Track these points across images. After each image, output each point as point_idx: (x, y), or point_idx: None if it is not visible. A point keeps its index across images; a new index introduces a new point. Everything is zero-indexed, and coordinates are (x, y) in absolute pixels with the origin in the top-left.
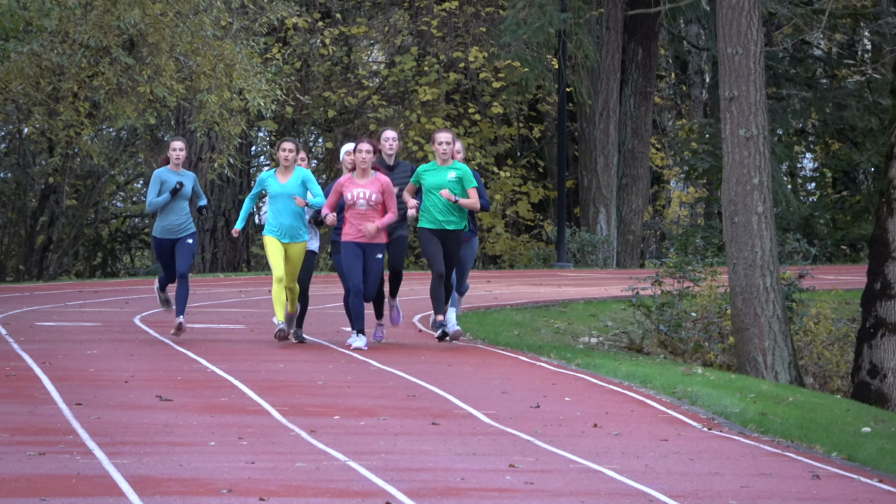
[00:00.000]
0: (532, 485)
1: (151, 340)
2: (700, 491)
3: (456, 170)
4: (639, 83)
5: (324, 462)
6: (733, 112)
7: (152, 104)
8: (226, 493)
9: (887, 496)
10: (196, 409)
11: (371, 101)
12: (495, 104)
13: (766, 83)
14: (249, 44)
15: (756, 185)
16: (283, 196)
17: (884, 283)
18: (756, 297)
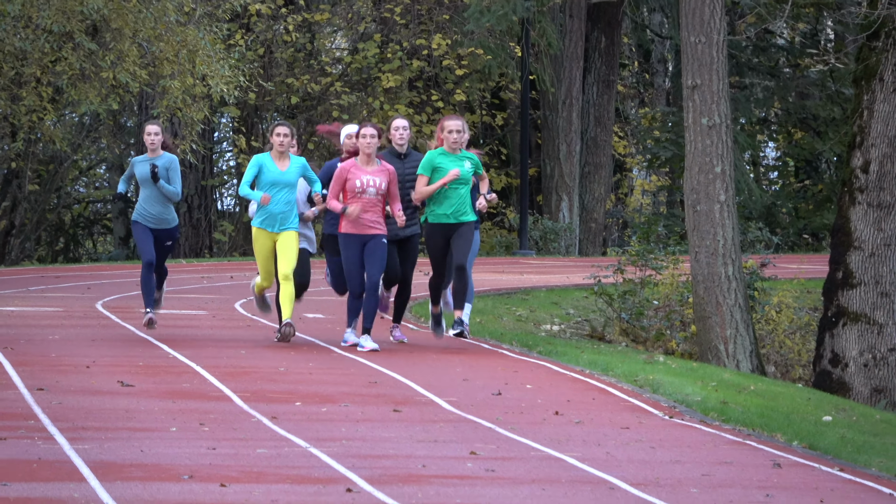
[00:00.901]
0: (493, 472)
1: (113, 326)
2: (661, 479)
3: (470, 159)
4: (602, 71)
5: (285, 448)
6: (696, 101)
7: (115, 90)
8: (187, 479)
9: (848, 485)
10: (158, 395)
11: (334, 87)
12: (458, 92)
13: (728, 72)
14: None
15: (718, 174)
16: (279, 184)
17: (845, 273)
18: (718, 286)
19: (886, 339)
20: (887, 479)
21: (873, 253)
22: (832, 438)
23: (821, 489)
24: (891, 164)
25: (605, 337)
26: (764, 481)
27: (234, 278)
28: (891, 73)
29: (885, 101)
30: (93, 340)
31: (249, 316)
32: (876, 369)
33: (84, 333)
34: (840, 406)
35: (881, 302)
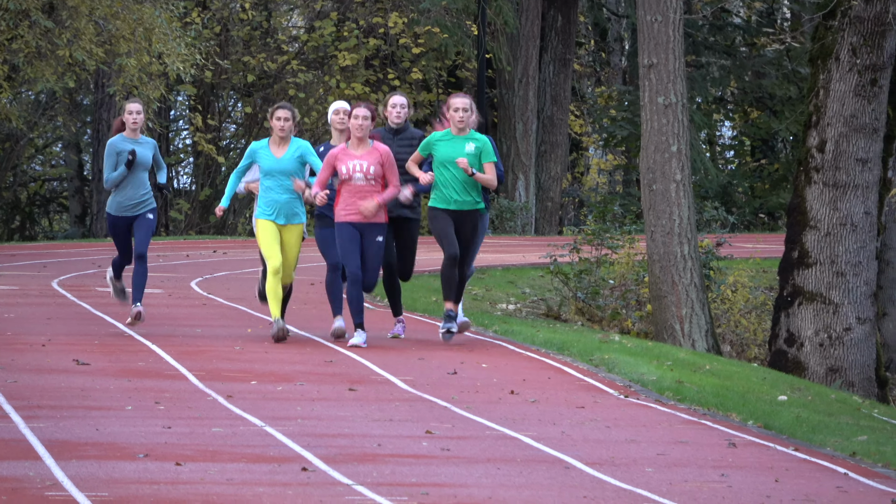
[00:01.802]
0: (448, 451)
1: (69, 304)
2: (616, 458)
3: (475, 140)
4: (558, 50)
5: (240, 427)
6: (652, 80)
7: (71, 67)
8: (142, 458)
9: (803, 464)
10: (113, 373)
11: (290, 66)
12: (415, 70)
13: (685, 51)
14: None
15: (674, 153)
16: (277, 172)
17: (801, 252)
18: (674, 265)
19: (842, 318)
20: (842, 458)
21: (829, 232)
22: (787, 418)
23: (776, 469)
24: (847, 143)
25: (560, 316)
26: (719, 461)
27: (190, 257)
28: (847, 53)
29: (842, 81)
30: (48, 319)
31: (205, 294)
32: (831, 349)
33: (40, 312)
34: (795, 386)
35: (837, 281)
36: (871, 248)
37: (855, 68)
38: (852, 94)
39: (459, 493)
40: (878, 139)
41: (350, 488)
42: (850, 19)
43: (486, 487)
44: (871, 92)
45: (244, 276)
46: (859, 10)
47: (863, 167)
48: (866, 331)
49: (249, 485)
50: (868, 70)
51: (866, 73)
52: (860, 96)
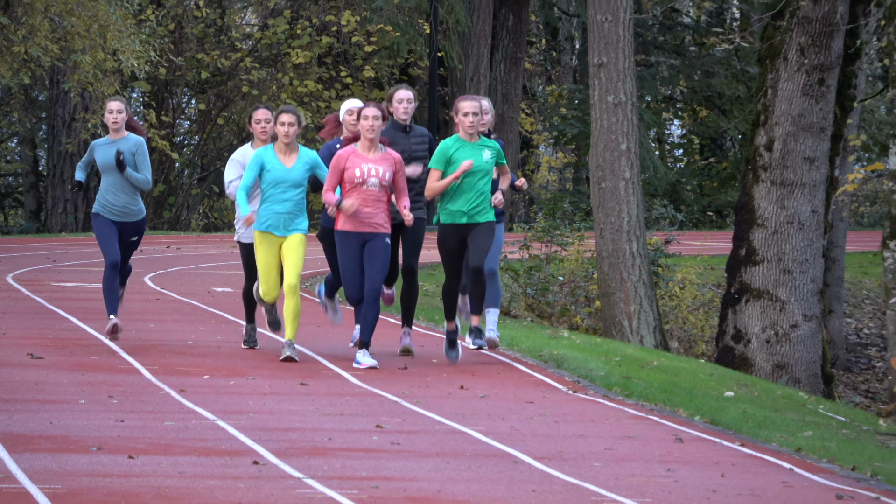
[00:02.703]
0: (398, 445)
1: (24, 298)
2: (565, 453)
3: (489, 148)
4: (509, 49)
5: (193, 421)
6: (602, 79)
7: (27, 64)
8: (95, 451)
9: (749, 459)
10: (67, 367)
11: (244, 63)
12: (367, 68)
13: (635, 50)
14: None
15: (624, 151)
16: (285, 182)
17: (749, 250)
18: (622, 262)
19: (788, 315)
20: (787, 453)
21: (776, 230)
22: (733, 413)
23: (722, 463)
24: (794, 142)
25: (510, 312)
26: (666, 455)
27: (144, 252)
28: (795, 53)
29: (789, 80)
30: (3, 313)
31: (158, 289)
32: (778, 345)
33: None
34: (742, 381)
35: (784, 279)
36: (817, 246)
37: (803, 68)
38: (800, 94)
39: (409, 486)
40: (825, 138)
41: (301, 482)
42: (798, 20)
43: (435, 481)
44: (819, 91)
45: (197, 271)
46: (807, 11)
47: (810, 166)
48: (812, 328)
49: (201, 478)
50: (816, 70)
51: (814, 73)
52: (808, 96)
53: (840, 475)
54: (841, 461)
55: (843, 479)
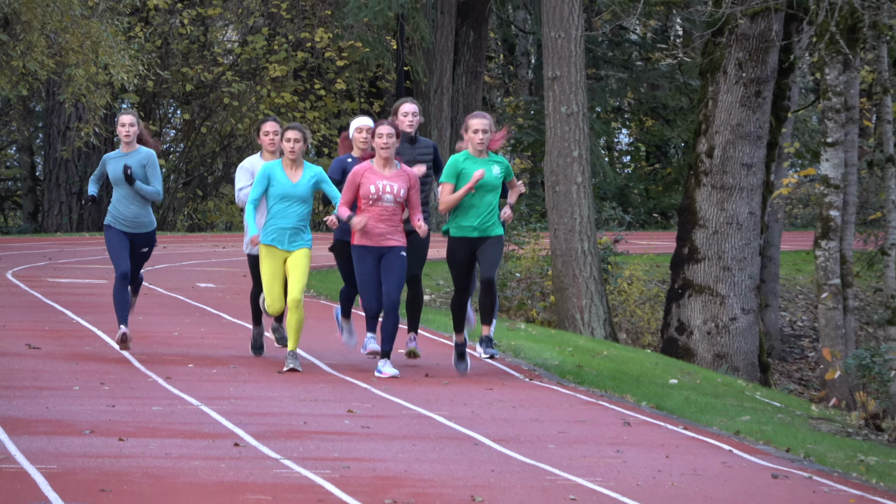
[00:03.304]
0: (368, 429)
1: (22, 293)
2: (521, 436)
3: (499, 164)
4: (470, 63)
5: (178, 406)
6: (556, 91)
7: (25, 77)
8: (88, 434)
9: (691, 442)
10: (62, 357)
11: (225, 76)
12: (339, 81)
13: (586, 64)
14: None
15: (576, 158)
16: (292, 198)
17: (691, 248)
18: (575, 260)
19: (728, 309)
20: (727, 436)
21: (717, 231)
22: (677, 399)
23: (666, 445)
24: (733, 149)
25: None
26: (615, 438)
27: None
28: (734, 67)
29: (728, 92)
30: (2, 307)
31: (146, 285)
32: (718, 337)
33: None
34: (685, 370)
35: (723, 275)
36: (754, 245)
37: (741, 81)
38: (738, 105)
39: (378, 466)
40: (761, 146)
41: (278, 462)
42: (736, 36)
43: (402, 462)
44: (756, 103)
45: (182, 268)
46: (745, 28)
47: (748, 171)
48: (750, 320)
49: (186, 459)
50: (753, 83)
51: (751, 86)
52: (745, 107)
53: (775, 456)
54: (776, 443)
55: (779, 459)
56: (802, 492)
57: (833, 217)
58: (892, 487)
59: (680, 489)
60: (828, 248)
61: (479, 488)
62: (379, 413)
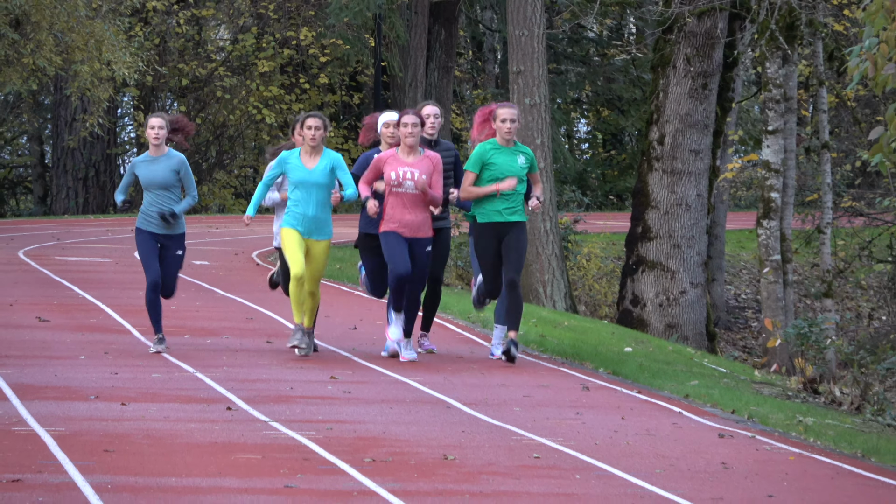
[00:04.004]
0: (349, 393)
1: (33, 271)
2: (489, 399)
3: (524, 154)
4: (442, 59)
5: (175, 373)
6: (520, 84)
7: (34, 73)
8: (93, 399)
9: (645, 404)
10: (69, 328)
11: (218, 72)
12: (322, 76)
13: (547, 60)
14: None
15: (539, 145)
16: (308, 185)
17: (644, 228)
18: (538, 239)
19: (678, 283)
20: (677, 399)
21: (667, 211)
22: (632, 366)
23: (622, 408)
24: (682, 137)
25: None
26: (575, 402)
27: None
28: (682, 62)
29: (678, 85)
30: (15, 283)
31: None
32: (669, 308)
33: (7, 277)
34: (639, 339)
35: (674, 252)
36: (702, 224)
37: (689, 75)
38: (687, 96)
39: (358, 428)
40: (708, 134)
41: (267, 424)
42: (684, 34)
43: (380, 424)
44: (703, 94)
45: None
46: (693, 27)
47: (695, 157)
48: (698, 293)
49: (183, 421)
50: (700, 76)
51: (698, 79)
52: (693, 98)
53: (722, 417)
54: (722, 406)
55: (724, 420)
56: (746, 450)
57: (774, 199)
58: (828, 446)
59: (634, 447)
60: (769, 227)
61: (451, 447)
62: (359, 379)
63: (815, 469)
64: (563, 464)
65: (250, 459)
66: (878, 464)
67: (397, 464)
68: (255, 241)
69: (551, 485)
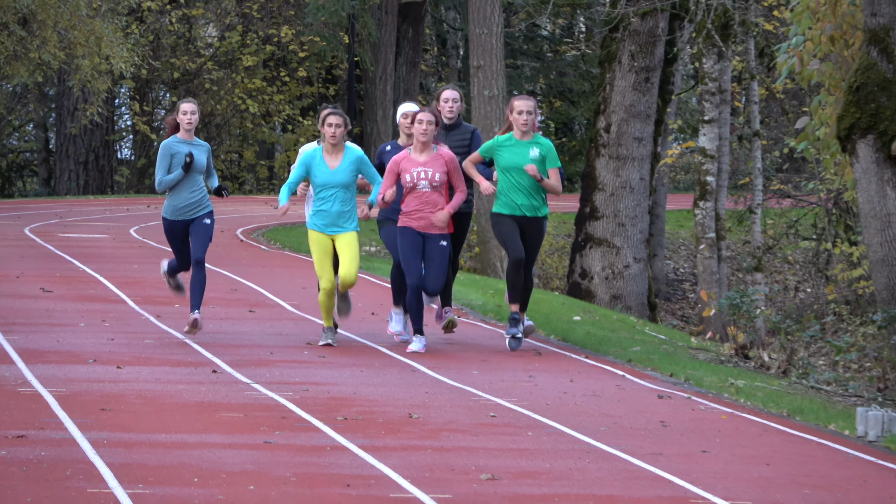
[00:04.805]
0: (324, 358)
1: (37, 246)
2: (450, 363)
3: (539, 146)
4: (409, 55)
5: (166, 339)
6: (480, 77)
7: (40, 66)
8: (91, 363)
9: (591, 368)
10: (70, 298)
11: (206, 66)
12: (301, 69)
13: (505, 55)
14: (114, 21)
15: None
16: (331, 185)
17: (592, 208)
18: None
19: (622, 258)
20: (621, 363)
21: (613, 193)
22: (580, 333)
23: (570, 371)
24: (626, 126)
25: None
26: (528, 365)
27: (130, 211)
28: (627, 58)
29: (623, 79)
30: (21, 257)
31: (141, 239)
32: (614, 281)
33: (14, 252)
34: (587, 309)
35: (618, 230)
36: (644, 205)
37: (633, 69)
38: (631, 89)
39: (332, 389)
40: (650, 123)
41: (249, 386)
42: (629, 32)
43: (351, 385)
44: (645, 87)
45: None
46: (636, 26)
47: (638, 144)
48: (640, 268)
49: (172, 383)
50: (643, 71)
51: (641, 73)
52: (637, 90)
53: (661, 380)
54: (662, 369)
55: (663, 383)
56: (683, 409)
57: (709, 182)
58: (757, 406)
59: (582, 407)
60: (705, 207)
61: (415, 407)
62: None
63: (746, 427)
64: (517, 422)
65: (233, 417)
66: (801, 422)
67: (366, 422)
68: (240, 219)
69: (506, 441)
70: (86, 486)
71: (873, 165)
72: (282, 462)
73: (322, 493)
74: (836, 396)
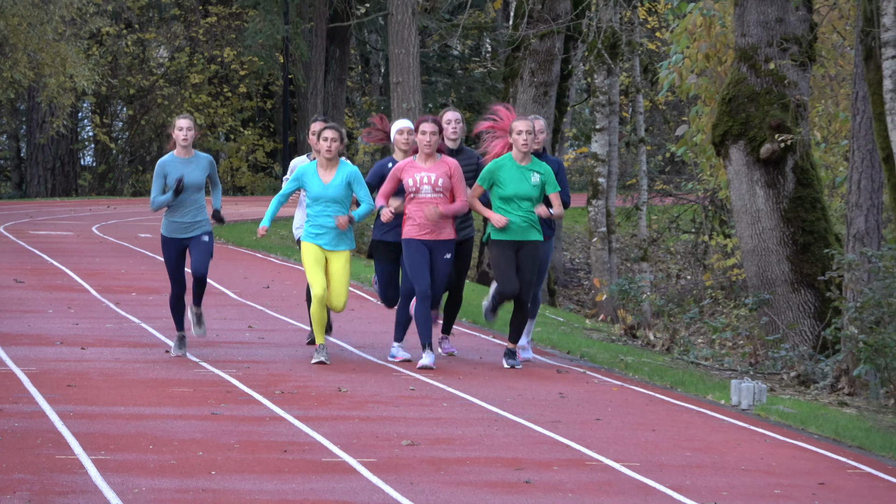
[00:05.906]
0: (263, 339)
1: (10, 242)
2: (374, 343)
3: (538, 171)
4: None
5: (125, 324)
6: (399, 92)
7: (12, 84)
8: (59, 345)
9: (498, 346)
10: (40, 288)
11: (158, 83)
12: (241, 86)
13: (420, 73)
14: (77, 44)
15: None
16: (324, 200)
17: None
18: None
19: None
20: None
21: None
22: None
23: (480, 349)
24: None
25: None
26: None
27: (92, 211)
28: (528, 74)
29: (524, 93)
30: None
31: (102, 236)
32: None
33: None
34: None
35: None
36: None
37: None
38: (531, 102)
39: (270, 367)
40: (549, 132)
41: (197, 364)
42: (530, 52)
43: (288, 363)
44: (544, 100)
45: (129, 223)
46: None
47: None
48: None
49: (130, 362)
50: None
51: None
52: (537, 103)
53: (559, 356)
54: (560, 347)
55: (561, 359)
56: (579, 382)
57: (601, 183)
58: (644, 379)
59: (489, 380)
60: (597, 205)
61: (343, 381)
62: (271, 327)
63: (634, 398)
64: (433, 394)
65: (184, 392)
66: (683, 393)
67: (301, 395)
68: None
69: (424, 411)
70: (54, 452)
71: (744, 168)
72: (227, 431)
73: (262, 458)
74: (713, 370)
